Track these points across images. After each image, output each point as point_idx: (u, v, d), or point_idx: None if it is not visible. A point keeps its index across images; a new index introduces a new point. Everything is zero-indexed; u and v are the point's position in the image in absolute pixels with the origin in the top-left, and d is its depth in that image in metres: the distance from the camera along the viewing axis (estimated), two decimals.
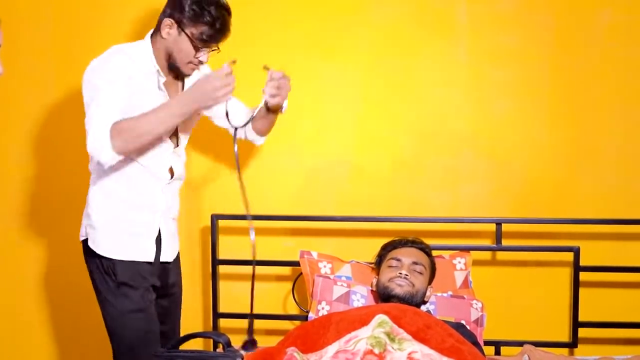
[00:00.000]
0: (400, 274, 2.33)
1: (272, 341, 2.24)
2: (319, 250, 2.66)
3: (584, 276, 2.63)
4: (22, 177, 2.90)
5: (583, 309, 2.62)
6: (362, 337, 1.92)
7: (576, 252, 2.59)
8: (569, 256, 2.64)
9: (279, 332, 2.72)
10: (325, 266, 2.59)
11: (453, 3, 2.69)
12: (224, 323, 2.75)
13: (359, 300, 2.46)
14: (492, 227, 2.65)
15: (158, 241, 2.27)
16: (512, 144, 2.71)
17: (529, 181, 2.71)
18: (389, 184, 2.76)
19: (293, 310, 2.79)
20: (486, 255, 2.74)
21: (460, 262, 2.59)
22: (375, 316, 1.99)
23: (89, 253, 2.23)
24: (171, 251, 2.35)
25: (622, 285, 2.70)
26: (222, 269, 2.74)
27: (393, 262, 2.40)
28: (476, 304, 2.46)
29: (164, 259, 2.29)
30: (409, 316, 2.02)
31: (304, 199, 2.79)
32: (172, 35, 2.14)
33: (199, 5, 2.10)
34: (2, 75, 2.89)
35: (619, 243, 2.69)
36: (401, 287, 2.30)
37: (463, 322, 2.38)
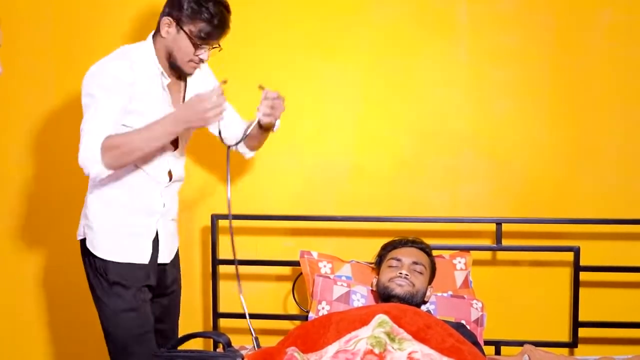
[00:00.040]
0: (401, 273, 2.33)
1: (272, 341, 2.24)
2: (319, 250, 2.66)
3: (584, 276, 2.63)
4: (21, 177, 2.90)
5: (583, 309, 2.62)
6: (362, 337, 1.92)
7: (576, 252, 2.59)
8: (569, 256, 2.64)
9: (279, 332, 2.72)
10: (325, 266, 2.59)
11: (453, 3, 2.69)
12: (224, 323, 2.75)
13: (359, 300, 2.46)
14: (492, 227, 2.65)
15: (155, 243, 2.26)
16: (513, 143, 2.71)
17: (529, 181, 2.71)
18: (389, 184, 2.76)
19: (293, 310, 2.79)
20: (486, 255, 2.74)
21: (461, 262, 2.59)
22: (376, 316, 1.99)
23: (86, 252, 2.24)
24: (169, 252, 2.34)
25: (622, 285, 2.70)
26: (222, 269, 2.74)
27: (393, 262, 2.40)
28: (476, 303, 2.46)
29: (161, 260, 2.29)
30: (409, 316, 2.02)
31: (304, 199, 2.79)
32: (171, 34, 2.13)
33: (197, 3, 2.09)
34: (2, 75, 2.90)
35: (619, 243, 2.69)
36: (401, 287, 2.30)
37: (463, 322, 2.38)
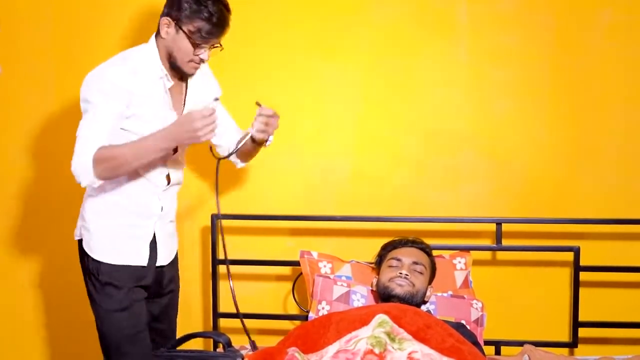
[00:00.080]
0: (401, 273, 2.33)
1: (272, 341, 2.24)
2: (319, 250, 2.66)
3: (584, 276, 2.63)
4: (21, 176, 2.90)
5: (583, 309, 2.62)
6: (362, 336, 1.92)
7: (576, 252, 2.59)
8: (569, 256, 2.64)
9: (279, 332, 2.72)
10: (325, 266, 2.59)
11: (453, 3, 2.69)
12: (224, 323, 2.75)
13: (359, 300, 2.46)
14: (492, 227, 2.65)
15: (153, 245, 2.25)
16: (513, 143, 2.71)
17: (529, 181, 2.71)
18: (389, 184, 2.76)
19: (293, 310, 2.79)
20: (486, 255, 2.74)
21: (461, 262, 2.59)
22: (376, 316, 1.99)
23: (82, 253, 2.23)
24: (168, 253, 2.33)
25: (622, 285, 2.70)
26: (222, 269, 2.74)
27: (393, 262, 2.40)
28: (476, 303, 2.46)
29: (160, 262, 2.28)
30: (409, 316, 2.02)
31: (304, 199, 2.79)
32: (170, 34, 2.12)
33: (196, 2, 2.07)
34: (2, 75, 2.91)
35: (619, 243, 2.69)
36: (401, 287, 2.30)
37: (463, 322, 2.38)
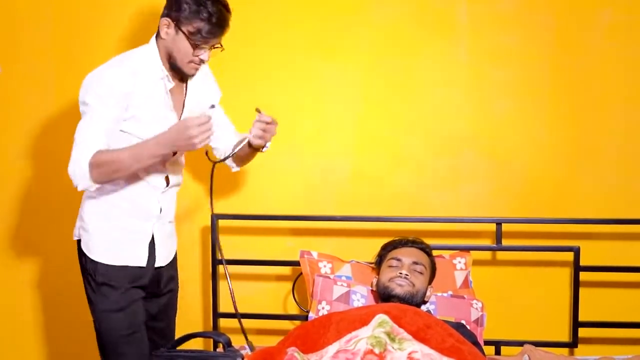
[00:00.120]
0: (401, 273, 2.33)
1: (272, 341, 2.24)
2: (319, 250, 2.66)
3: (584, 276, 2.63)
4: (20, 176, 2.90)
5: (583, 309, 2.62)
6: (362, 336, 1.92)
7: (576, 252, 2.59)
8: (569, 256, 2.64)
9: (279, 332, 2.72)
10: (325, 266, 2.59)
11: (453, 3, 2.69)
12: (224, 323, 2.75)
13: (359, 300, 2.45)
14: (492, 227, 2.65)
15: (152, 246, 2.25)
16: (513, 143, 2.71)
17: (529, 181, 2.71)
18: (389, 184, 2.76)
19: (293, 310, 2.79)
20: (486, 255, 2.74)
21: (461, 262, 2.59)
22: (376, 316, 1.99)
23: (80, 253, 2.23)
24: (166, 254, 2.32)
25: (622, 285, 2.70)
26: (222, 268, 2.73)
27: (393, 262, 2.40)
28: (476, 303, 2.46)
29: (159, 263, 2.28)
30: (409, 316, 2.02)
31: (304, 199, 2.79)
32: (170, 35, 2.11)
33: (196, 2, 2.06)
34: (2, 75, 2.91)
35: (619, 243, 2.69)
36: (401, 287, 2.30)
37: (463, 322, 2.38)
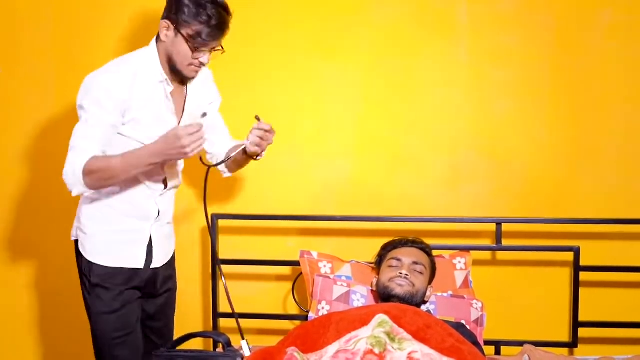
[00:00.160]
0: (401, 273, 2.33)
1: (272, 341, 2.24)
2: (319, 250, 2.66)
3: (584, 276, 2.63)
4: (20, 177, 2.90)
5: (583, 309, 2.62)
6: (362, 336, 1.92)
7: (576, 252, 2.59)
8: (569, 256, 2.64)
9: (279, 332, 2.72)
10: (325, 266, 2.59)
11: (453, 3, 2.69)
12: (224, 323, 2.75)
13: (359, 300, 2.45)
14: (492, 227, 2.65)
15: (150, 248, 2.25)
16: (513, 143, 2.71)
17: (529, 181, 2.71)
18: (389, 184, 2.76)
19: (293, 310, 2.79)
20: (486, 255, 2.74)
21: (461, 262, 2.59)
22: (376, 316, 1.98)
23: (78, 253, 2.23)
24: (164, 255, 2.32)
25: (622, 285, 2.70)
26: (222, 268, 2.73)
27: (393, 262, 2.40)
28: (476, 303, 2.46)
29: (155, 264, 2.28)
30: (409, 316, 2.02)
31: (304, 198, 2.79)
32: (169, 38, 2.10)
33: (196, 5, 2.05)
34: (2, 75, 2.91)
35: (619, 243, 2.69)
36: (401, 287, 2.30)
37: (463, 322, 2.38)
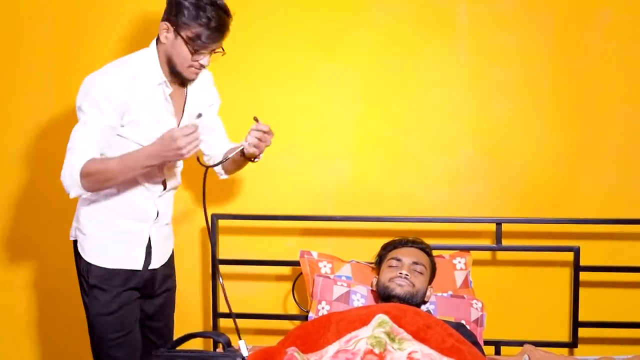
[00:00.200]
0: (401, 273, 2.33)
1: (272, 341, 2.24)
2: (319, 250, 2.66)
3: (584, 276, 2.63)
4: (20, 177, 2.90)
5: (583, 309, 2.62)
6: (362, 336, 1.92)
7: (576, 252, 2.59)
8: (569, 256, 2.64)
9: (279, 332, 2.72)
10: (325, 266, 2.59)
11: (453, 3, 2.69)
12: (224, 323, 2.75)
13: (359, 300, 2.45)
14: (492, 227, 2.65)
15: (148, 249, 2.25)
16: (513, 143, 2.71)
17: (529, 181, 2.71)
18: (389, 184, 2.76)
19: (293, 310, 2.79)
20: (486, 255, 2.74)
21: (460, 262, 2.59)
22: (376, 316, 1.99)
23: (76, 253, 2.23)
24: (162, 256, 2.32)
25: (622, 285, 2.70)
26: (222, 268, 2.74)
27: (393, 262, 2.40)
28: (476, 303, 2.46)
29: (154, 266, 2.28)
30: (409, 316, 2.02)
31: (304, 199, 2.79)
32: (169, 39, 2.09)
33: (196, 7, 2.03)
34: (2, 75, 2.90)
35: (619, 243, 2.69)
36: (401, 287, 2.30)
37: (463, 322, 2.38)
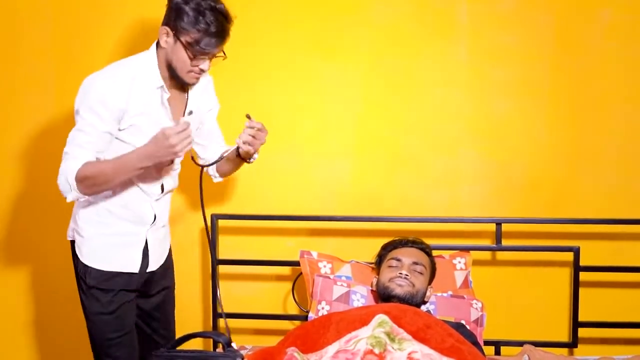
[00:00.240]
0: (401, 274, 2.33)
1: (272, 341, 2.24)
2: (319, 250, 2.66)
3: (583, 276, 2.63)
4: (19, 176, 2.90)
5: (583, 309, 2.62)
6: (362, 337, 1.92)
7: (576, 252, 2.59)
8: (569, 256, 2.64)
9: (279, 332, 2.72)
10: (325, 266, 2.59)
11: (453, 3, 2.68)
12: (223, 323, 2.74)
13: (359, 300, 2.46)
14: (492, 227, 2.65)
15: (145, 251, 2.25)
16: (512, 143, 2.71)
17: (529, 181, 2.71)
18: (389, 184, 2.76)
19: (293, 310, 2.79)
20: (486, 255, 2.74)
21: (460, 262, 2.59)
22: (375, 316, 1.99)
23: (74, 253, 2.24)
24: (159, 257, 2.32)
25: (622, 285, 2.70)
26: (221, 268, 2.74)
27: (393, 262, 2.40)
28: (476, 303, 2.46)
29: (152, 268, 2.28)
30: (409, 316, 2.02)
31: (304, 199, 2.79)
32: (169, 44, 2.07)
33: (196, 12, 2.01)
34: (2, 75, 2.90)
35: (619, 243, 2.69)
36: (401, 287, 2.30)
37: (463, 322, 2.38)
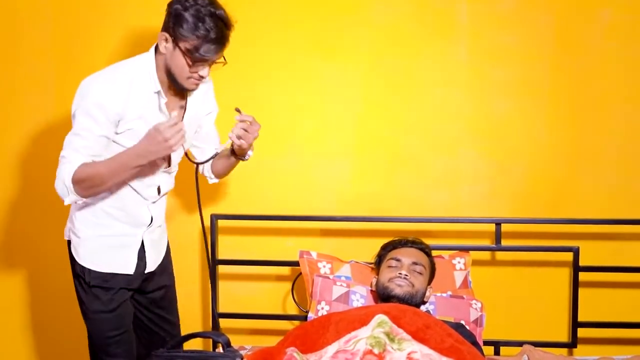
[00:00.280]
0: (400, 274, 2.33)
1: (272, 341, 2.24)
2: (318, 250, 2.66)
3: (583, 276, 2.63)
4: (19, 176, 2.90)
5: (582, 309, 2.62)
6: (361, 337, 1.92)
7: (576, 252, 2.59)
8: (568, 256, 2.64)
9: (278, 332, 2.72)
10: (324, 266, 2.59)
11: (453, 3, 2.68)
12: (223, 323, 2.75)
13: (358, 300, 2.46)
14: (492, 227, 2.65)
15: (141, 253, 2.25)
16: (512, 143, 2.71)
17: (529, 181, 2.71)
18: (389, 184, 2.76)
19: (292, 310, 2.79)
20: (486, 255, 2.74)
21: (460, 262, 2.59)
22: (375, 316, 1.99)
23: (71, 254, 2.24)
24: (156, 258, 2.32)
25: (622, 285, 2.70)
26: (221, 268, 2.74)
27: (393, 262, 2.40)
28: (475, 304, 2.46)
29: (150, 269, 2.28)
30: (408, 316, 2.02)
31: (304, 199, 2.79)
32: (168, 50, 2.05)
33: (195, 18, 1.99)
34: (2, 75, 2.90)
35: (619, 243, 2.69)
36: (401, 287, 2.30)
37: (462, 322, 2.38)
